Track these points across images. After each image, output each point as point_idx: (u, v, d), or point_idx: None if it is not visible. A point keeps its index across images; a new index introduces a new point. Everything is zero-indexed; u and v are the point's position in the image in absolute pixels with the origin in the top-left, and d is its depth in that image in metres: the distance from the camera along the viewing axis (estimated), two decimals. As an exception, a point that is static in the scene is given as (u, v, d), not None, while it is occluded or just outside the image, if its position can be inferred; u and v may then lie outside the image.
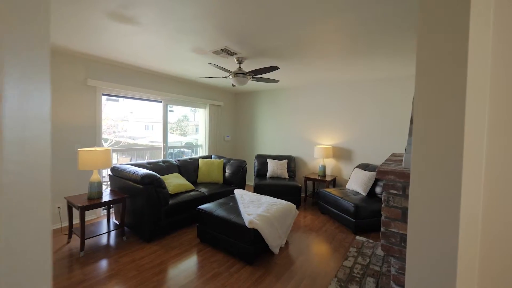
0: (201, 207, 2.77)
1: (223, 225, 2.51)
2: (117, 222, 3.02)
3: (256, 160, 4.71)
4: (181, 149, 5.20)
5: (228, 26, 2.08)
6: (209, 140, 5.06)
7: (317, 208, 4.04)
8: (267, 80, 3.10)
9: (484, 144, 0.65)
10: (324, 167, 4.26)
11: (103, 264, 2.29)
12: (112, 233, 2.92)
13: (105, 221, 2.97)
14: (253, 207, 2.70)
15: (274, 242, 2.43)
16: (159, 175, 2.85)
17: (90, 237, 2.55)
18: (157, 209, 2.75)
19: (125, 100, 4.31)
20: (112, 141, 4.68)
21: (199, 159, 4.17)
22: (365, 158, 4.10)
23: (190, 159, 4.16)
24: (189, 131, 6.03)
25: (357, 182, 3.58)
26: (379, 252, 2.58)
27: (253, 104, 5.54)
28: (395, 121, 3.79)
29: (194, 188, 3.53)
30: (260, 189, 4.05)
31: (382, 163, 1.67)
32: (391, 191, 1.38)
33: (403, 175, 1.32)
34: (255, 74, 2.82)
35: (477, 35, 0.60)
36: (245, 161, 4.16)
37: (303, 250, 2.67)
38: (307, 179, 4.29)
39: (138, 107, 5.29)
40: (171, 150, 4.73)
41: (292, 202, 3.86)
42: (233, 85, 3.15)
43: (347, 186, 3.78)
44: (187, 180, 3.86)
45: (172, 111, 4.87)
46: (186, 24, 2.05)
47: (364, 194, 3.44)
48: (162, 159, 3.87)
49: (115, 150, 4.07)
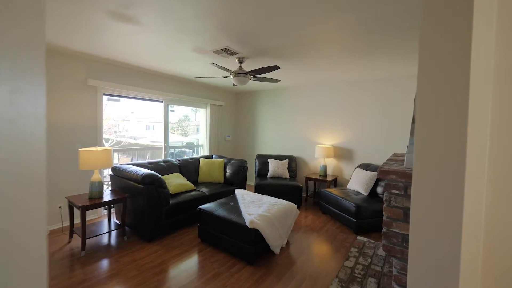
0: (202, 207, 2.77)
1: (224, 225, 2.51)
2: (118, 222, 3.02)
3: (257, 160, 4.70)
4: (182, 149, 5.20)
5: (228, 26, 2.07)
6: (210, 140, 5.06)
7: (318, 208, 4.03)
8: (268, 79, 3.10)
9: (487, 144, 0.65)
10: (325, 167, 4.25)
11: (104, 263, 2.29)
12: (113, 233, 2.92)
13: (106, 220, 2.97)
14: (254, 207, 2.69)
15: (275, 242, 2.43)
16: (160, 175, 2.85)
17: (91, 237, 2.56)
18: (158, 209, 2.75)
19: (126, 100, 4.31)
20: (113, 141, 4.68)
21: (200, 159, 4.17)
22: (366, 158, 4.09)
23: (191, 159, 4.15)
24: (190, 131, 6.04)
25: (358, 182, 3.57)
26: (381, 252, 2.57)
27: (254, 104, 5.53)
28: (396, 121, 3.77)
29: (195, 188, 3.53)
30: (261, 189, 4.04)
31: (384, 163, 1.66)
32: (393, 191, 1.38)
33: (404, 175, 1.31)
34: (255, 73, 2.81)
35: (480, 35, 0.59)
36: (246, 161, 4.15)
37: (304, 250, 2.66)
38: (308, 179, 4.28)
39: (139, 107, 5.30)
40: (172, 150, 4.73)
41: (293, 202, 3.85)
42: (234, 84, 3.15)
43: (348, 186, 3.77)
44: (188, 180, 3.86)
45: (173, 111, 4.87)
46: (187, 23, 2.05)
47: (365, 194, 3.43)
48: (163, 159, 3.87)
49: (116, 150, 4.08)
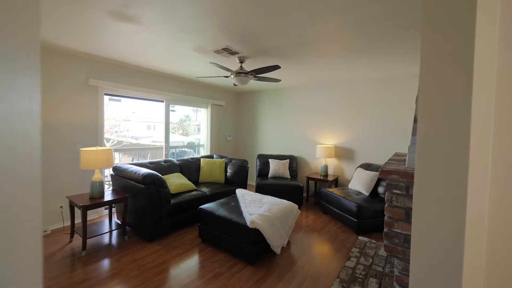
0: (202, 206, 2.76)
1: (224, 225, 2.50)
2: (118, 221, 3.03)
3: (257, 160, 4.70)
4: (183, 149, 5.20)
5: (229, 25, 2.07)
6: (211, 139, 5.06)
7: (319, 208, 4.02)
8: (268, 79, 3.09)
9: (490, 143, 0.64)
10: (326, 167, 4.24)
11: (104, 263, 2.29)
12: (114, 233, 2.92)
13: (107, 220, 2.97)
14: (255, 207, 2.69)
15: (275, 242, 2.42)
16: (160, 175, 2.85)
17: (92, 237, 2.56)
18: (159, 208, 2.75)
19: (127, 100, 4.31)
20: (114, 141, 4.69)
21: (201, 159, 4.17)
22: (367, 158, 4.08)
23: (191, 158, 4.15)
24: (191, 131, 6.03)
25: (359, 182, 3.56)
26: (382, 252, 2.55)
27: (255, 103, 5.53)
28: (397, 121, 3.76)
29: (195, 187, 3.52)
30: (261, 189, 4.04)
31: (385, 162, 1.65)
32: (395, 191, 1.37)
33: (406, 175, 1.30)
34: (256, 73, 2.80)
35: (483, 33, 0.59)
36: (246, 161, 4.15)
37: (305, 250, 2.65)
38: (309, 179, 4.27)
39: (140, 107, 5.30)
40: (173, 150, 4.73)
41: (294, 202, 3.84)
42: (234, 84, 3.14)
43: (350, 186, 3.76)
44: (189, 179, 3.86)
45: (174, 110, 4.87)
46: (187, 22, 2.04)
47: (367, 194, 3.42)
48: (163, 158, 3.88)
49: (117, 150, 4.08)
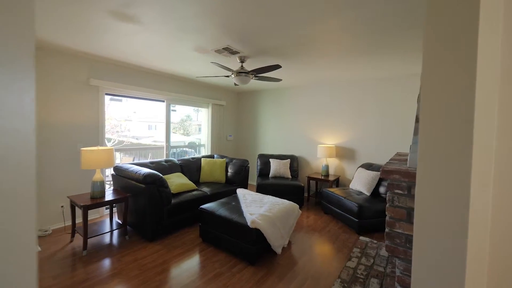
0: (203, 206, 2.76)
1: (225, 224, 2.50)
2: (119, 221, 3.03)
3: (258, 160, 4.69)
4: (184, 149, 5.20)
5: (229, 25, 2.06)
6: (212, 139, 5.05)
7: (320, 208, 4.01)
8: (269, 79, 3.08)
9: (493, 143, 0.63)
10: (327, 167, 4.23)
11: (105, 263, 2.29)
12: (115, 232, 2.92)
13: (108, 220, 2.98)
14: (256, 207, 2.68)
15: (276, 242, 2.41)
16: (161, 175, 2.85)
17: (93, 236, 2.56)
18: (160, 208, 2.75)
19: (128, 100, 4.32)
20: (115, 140, 4.69)
21: (202, 159, 4.17)
22: (368, 158, 4.06)
23: (192, 158, 4.15)
24: (192, 130, 6.03)
25: (360, 182, 3.54)
26: (383, 252, 2.54)
27: (256, 103, 5.52)
28: (398, 120, 3.74)
29: (196, 187, 3.52)
30: (262, 188, 4.03)
31: (387, 162, 1.64)
32: (396, 191, 1.36)
33: (408, 175, 1.29)
34: (257, 73, 2.80)
35: (486, 33, 0.58)
36: (247, 161, 4.15)
37: (306, 250, 2.65)
38: (310, 178, 4.26)
39: (141, 107, 5.30)
40: (174, 150, 4.73)
41: (295, 202, 3.84)
42: (235, 84, 3.14)
43: (351, 186, 3.75)
44: (190, 179, 3.86)
45: (175, 110, 4.87)
46: (188, 22, 2.04)
47: (368, 194, 3.40)
48: (164, 158, 3.88)
49: (118, 150, 4.09)
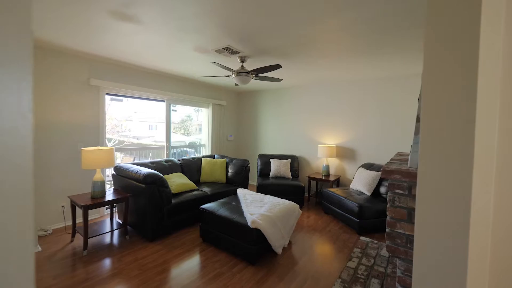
0: (203, 206, 2.76)
1: (225, 224, 2.50)
2: (120, 221, 3.03)
3: (259, 160, 4.69)
4: (185, 149, 5.20)
5: (229, 24, 2.06)
6: (212, 139, 5.05)
7: (321, 208, 4.00)
8: (270, 78, 3.08)
9: (495, 143, 0.63)
10: (327, 167, 4.22)
11: (106, 263, 2.29)
12: (115, 232, 2.92)
13: (108, 220, 2.98)
14: (256, 207, 2.68)
15: (277, 242, 2.41)
16: (161, 175, 2.85)
17: (93, 236, 2.57)
18: (160, 208, 2.75)
19: (129, 100, 4.32)
20: (116, 140, 4.70)
21: (202, 159, 4.17)
22: (369, 158, 4.05)
23: (193, 158, 4.15)
24: (193, 130, 6.03)
25: (361, 182, 3.54)
26: (384, 253, 2.54)
27: (256, 103, 5.52)
28: (399, 120, 3.73)
29: (196, 187, 3.52)
30: (263, 188, 4.03)
31: (387, 162, 1.63)
32: (397, 191, 1.35)
33: (409, 175, 1.29)
34: (257, 72, 2.79)
35: (487, 32, 0.57)
36: (248, 161, 4.14)
37: (306, 250, 2.64)
38: (310, 178, 4.26)
39: (142, 107, 5.30)
40: (175, 150, 4.73)
41: (295, 202, 3.84)
42: (235, 84, 3.13)
43: (351, 186, 3.74)
44: (190, 179, 3.86)
45: (175, 110, 4.87)
46: (188, 22, 2.04)
47: (369, 194, 3.40)
48: (165, 158, 3.88)
49: (119, 150, 4.09)
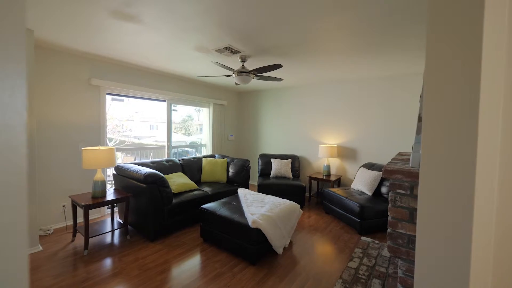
0: (204, 206, 2.76)
1: (226, 224, 2.49)
2: (120, 221, 3.03)
3: (259, 160, 4.68)
4: (186, 149, 5.20)
5: (230, 24, 2.06)
6: (213, 139, 5.05)
7: (322, 208, 3.99)
8: (270, 78, 3.07)
9: (498, 142, 0.62)
10: (328, 167, 4.21)
11: (106, 262, 2.29)
12: (116, 232, 2.92)
13: (109, 220, 2.98)
14: (257, 207, 2.67)
15: (277, 242, 2.40)
16: (162, 174, 2.85)
17: (94, 236, 2.57)
18: (160, 208, 2.75)
19: (130, 100, 4.32)
20: (117, 140, 4.70)
21: (203, 158, 4.17)
22: (370, 158, 4.04)
23: (193, 158, 4.15)
24: (194, 130, 6.03)
25: (362, 182, 3.52)
26: (385, 253, 2.52)
27: (257, 103, 5.51)
28: (400, 120, 3.71)
29: (197, 187, 3.52)
30: (263, 188, 4.02)
31: (389, 162, 1.62)
32: (398, 190, 1.34)
33: (410, 174, 1.28)
34: (258, 72, 2.79)
35: (491, 30, 0.57)
36: (248, 161, 4.14)
37: (307, 250, 2.63)
38: (311, 178, 4.24)
39: (143, 107, 5.31)
40: (175, 150, 4.73)
41: (296, 202, 3.83)
42: (236, 84, 3.13)
43: (352, 186, 3.73)
44: (191, 179, 3.86)
45: (176, 110, 4.87)
46: (188, 21, 2.03)
47: (370, 194, 3.38)
48: (165, 158, 3.88)
49: (120, 149, 4.10)
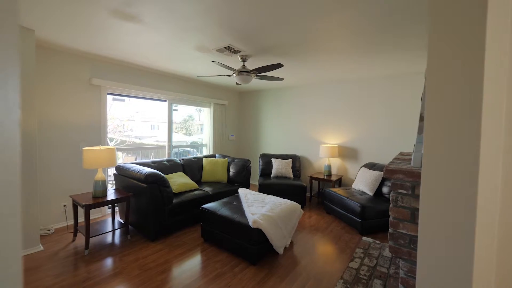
0: (204, 206, 2.75)
1: (226, 224, 2.49)
2: (121, 220, 3.03)
3: (260, 159, 4.68)
4: (186, 149, 5.20)
5: (231, 23, 2.05)
6: (214, 139, 5.05)
7: (323, 208, 3.98)
8: (271, 78, 3.07)
9: (501, 141, 0.61)
10: (329, 167, 4.20)
11: (107, 262, 2.29)
12: (117, 232, 2.93)
13: (110, 219, 2.98)
14: (257, 207, 2.67)
15: (278, 242, 2.40)
16: (163, 174, 2.84)
17: (95, 236, 2.57)
18: (161, 208, 2.75)
19: (131, 100, 4.33)
20: (117, 140, 4.71)
21: (203, 158, 4.17)
22: (371, 157, 4.03)
23: (194, 158, 4.15)
24: (194, 130, 6.04)
25: (363, 182, 3.51)
26: (387, 253, 2.51)
27: (258, 103, 5.51)
28: (401, 119, 3.70)
29: (198, 187, 3.51)
30: (264, 188, 4.02)
31: (390, 162, 1.62)
32: (400, 190, 1.33)
33: (412, 174, 1.27)
34: (259, 72, 2.78)
35: (494, 29, 0.56)
36: (249, 160, 4.13)
37: (308, 250, 2.63)
38: (312, 178, 4.24)
39: (144, 107, 5.32)
40: (176, 149, 4.73)
41: (297, 202, 3.82)
42: (237, 83, 3.13)
43: (353, 186, 3.72)
44: (191, 179, 3.86)
45: (177, 110, 4.87)
46: (189, 21, 2.03)
47: (371, 194, 3.37)
48: (166, 158, 3.88)
49: (121, 149, 4.10)
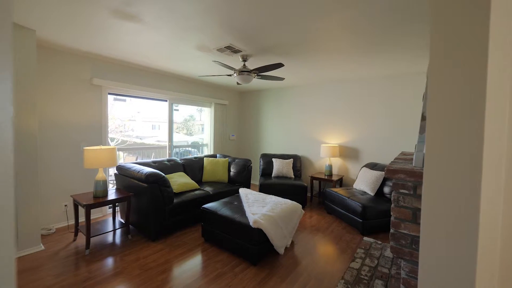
0: (205, 206, 2.75)
1: (227, 224, 2.48)
2: (122, 220, 3.03)
3: (261, 159, 4.67)
4: (187, 148, 5.20)
5: (231, 23, 2.04)
6: (214, 139, 5.05)
7: (324, 208, 3.97)
8: (272, 78, 3.06)
9: (505, 140, 0.60)
10: (330, 167, 4.19)
11: (108, 262, 2.29)
12: (118, 232, 2.93)
13: (110, 219, 2.98)
14: (258, 207, 2.66)
15: (279, 242, 2.39)
16: (163, 174, 2.84)
17: (96, 235, 2.57)
18: (162, 207, 2.74)
19: (132, 100, 4.33)
20: (118, 140, 4.71)
21: (204, 158, 4.16)
22: (372, 157, 4.01)
23: (195, 158, 4.15)
24: (195, 130, 6.04)
25: (364, 182, 3.50)
26: (388, 253, 2.50)
27: (259, 102, 5.50)
28: (402, 119, 3.68)
29: (198, 187, 3.51)
30: (265, 188, 4.01)
31: (391, 161, 1.61)
32: (401, 190, 1.32)
33: (414, 174, 1.26)
34: (260, 71, 2.77)
35: (497, 29, 0.55)
36: (250, 160, 4.13)
37: (309, 250, 2.62)
38: (313, 178, 4.23)
39: (145, 107, 5.33)
40: (177, 149, 4.74)
41: (298, 202, 3.81)
42: (238, 83, 3.12)
43: (354, 186, 3.70)
44: (192, 179, 3.86)
45: (177, 110, 4.87)
46: (189, 20, 2.03)
47: (372, 194, 3.36)
48: (167, 158, 3.88)
49: (121, 149, 4.10)
